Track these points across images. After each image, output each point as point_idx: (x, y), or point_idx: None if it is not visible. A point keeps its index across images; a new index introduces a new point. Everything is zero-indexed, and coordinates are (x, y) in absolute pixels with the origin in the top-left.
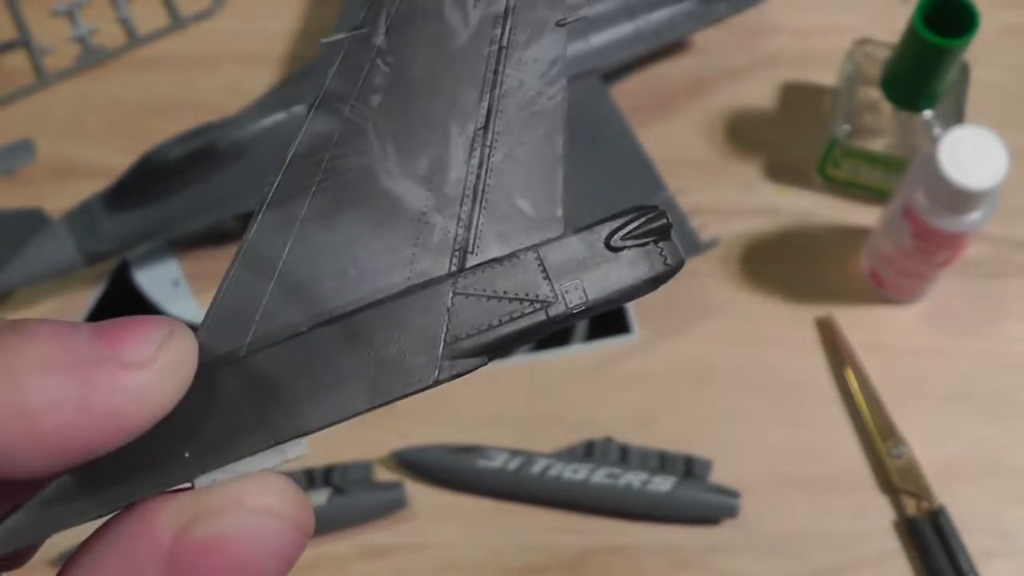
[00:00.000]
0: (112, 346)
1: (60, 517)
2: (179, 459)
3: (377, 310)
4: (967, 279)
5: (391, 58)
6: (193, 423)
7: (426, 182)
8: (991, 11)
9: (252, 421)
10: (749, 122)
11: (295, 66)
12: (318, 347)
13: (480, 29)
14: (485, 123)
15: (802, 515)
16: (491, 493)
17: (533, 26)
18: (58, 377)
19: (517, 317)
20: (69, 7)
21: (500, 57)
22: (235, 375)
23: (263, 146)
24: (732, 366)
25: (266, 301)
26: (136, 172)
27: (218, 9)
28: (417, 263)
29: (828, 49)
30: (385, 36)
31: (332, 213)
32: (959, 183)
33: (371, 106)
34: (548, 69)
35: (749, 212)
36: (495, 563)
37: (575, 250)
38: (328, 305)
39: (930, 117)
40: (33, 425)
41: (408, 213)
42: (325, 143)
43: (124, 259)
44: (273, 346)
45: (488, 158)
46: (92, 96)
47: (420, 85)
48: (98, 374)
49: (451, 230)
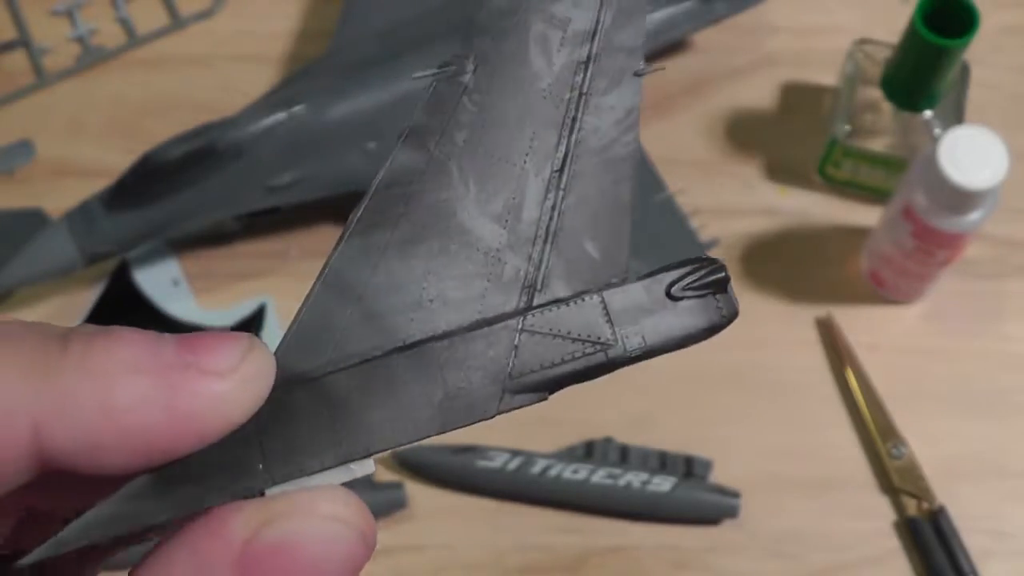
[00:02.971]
0: (196, 355)
1: (137, 514)
2: (253, 469)
3: (448, 341)
4: (967, 279)
5: (477, 97)
6: (268, 436)
7: (502, 220)
8: (991, 11)
9: (323, 439)
10: (749, 122)
11: (295, 66)
12: (390, 373)
13: (562, 74)
14: (561, 166)
15: (802, 515)
16: (491, 493)
17: (613, 74)
18: (145, 379)
19: (578, 357)
20: (69, 7)
21: (580, 103)
22: (310, 393)
23: (263, 146)
24: (732, 366)
25: (344, 325)
26: (136, 172)
27: (218, 9)
28: (488, 298)
29: (828, 49)
30: (473, 75)
31: (411, 244)
32: (959, 183)
33: (456, 143)
34: (624, 117)
35: (749, 212)
36: (495, 563)
37: (638, 297)
38: (402, 334)
39: (930, 117)
40: (119, 422)
41: (482, 249)
42: (409, 176)
43: (124, 259)
44: (348, 368)
45: (561, 201)
46: (91, 96)
47: (502, 125)
48: (182, 379)
49: (522, 268)
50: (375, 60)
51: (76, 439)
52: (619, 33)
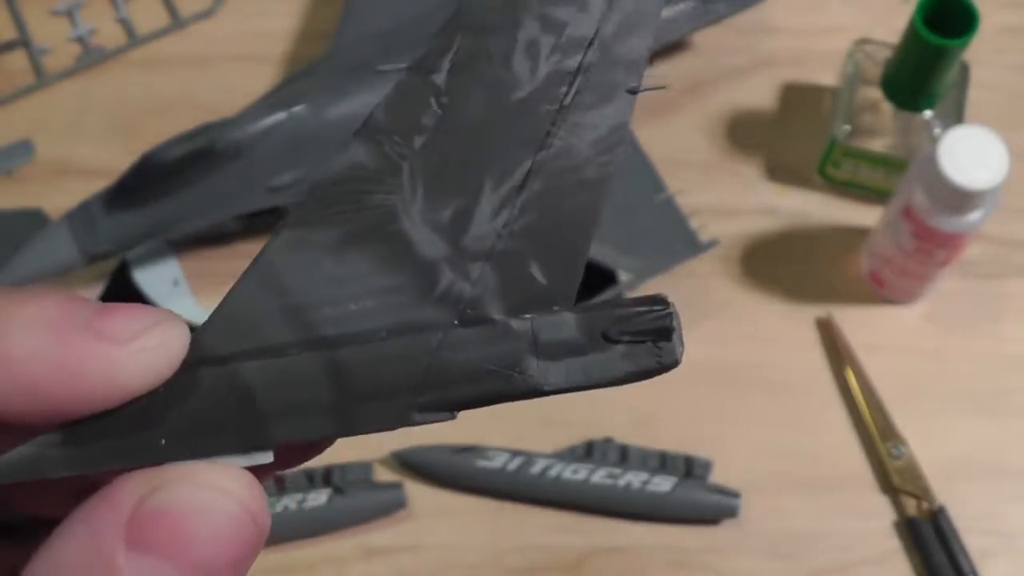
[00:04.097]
0: (102, 320)
1: (39, 465)
2: (156, 443)
3: (364, 346)
4: (967, 279)
5: (445, 100)
6: (173, 412)
7: (445, 232)
8: (991, 11)
9: (226, 424)
10: (749, 122)
11: (295, 66)
12: (300, 368)
13: (546, 84)
14: (521, 184)
15: (802, 515)
16: (491, 493)
17: (603, 89)
18: (43, 335)
19: (493, 381)
20: (69, 7)
21: (556, 118)
22: (220, 378)
23: (263, 146)
24: (732, 366)
25: (265, 316)
26: (136, 172)
27: (218, 9)
28: (416, 310)
29: (828, 49)
30: (447, 74)
31: (347, 245)
32: (959, 183)
33: (412, 146)
34: (606, 136)
35: (749, 212)
36: (495, 563)
37: (569, 332)
38: (322, 332)
39: (930, 117)
40: (11, 372)
41: (419, 259)
42: (357, 174)
43: (124, 259)
44: (258, 357)
45: (515, 220)
46: (91, 96)
47: (467, 133)
48: (78, 340)
49: (456, 284)
50: (375, 60)
51: None
52: (620, 44)
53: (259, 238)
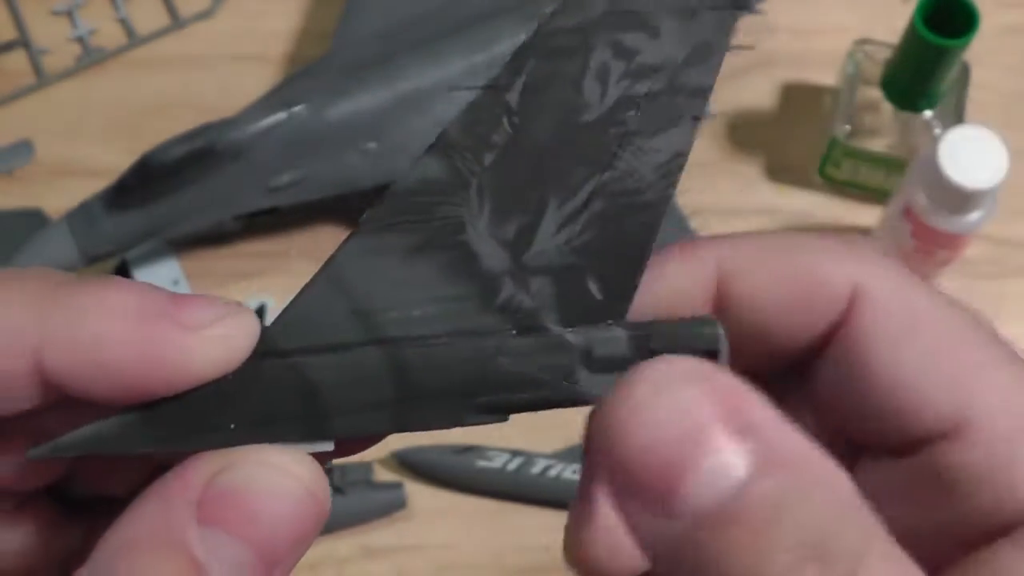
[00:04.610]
0: (177, 309)
1: (120, 441)
2: (225, 427)
3: (425, 349)
4: (967, 279)
5: (516, 119)
6: (243, 401)
7: (509, 246)
8: (991, 11)
9: (290, 414)
10: (749, 122)
11: (295, 66)
12: (364, 366)
13: (614, 108)
14: (584, 204)
15: None
16: (491, 493)
17: (669, 115)
18: (125, 321)
19: (545, 389)
20: (69, 7)
21: (622, 141)
22: (288, 371)
23: (263, 146)
24: None
25: (333, 314)
26: (136, 172)
27: (218, 9)
28: (477, 318)
29: (828, 49)
30: (519, 95)
31: (415, 253)
32: (959, 183)
33: (483, 162)
34: (667, 161)
35: (749, 212)
36: (495, 563)
37: (621, 349)
38: (386, 334)
39: (930, 117)
40: (97, 356)
41: (483, 271)
42: (428, 186)
43: (124, 259)
44: (325, 353)
45: (576, 237)
46: (91, 96)
47: (535, 152)
48: (156, 327)
49: (516, 296)
50: (375, 60)
51: (65, 366)
52: (688, 71)
53: (259, 238)
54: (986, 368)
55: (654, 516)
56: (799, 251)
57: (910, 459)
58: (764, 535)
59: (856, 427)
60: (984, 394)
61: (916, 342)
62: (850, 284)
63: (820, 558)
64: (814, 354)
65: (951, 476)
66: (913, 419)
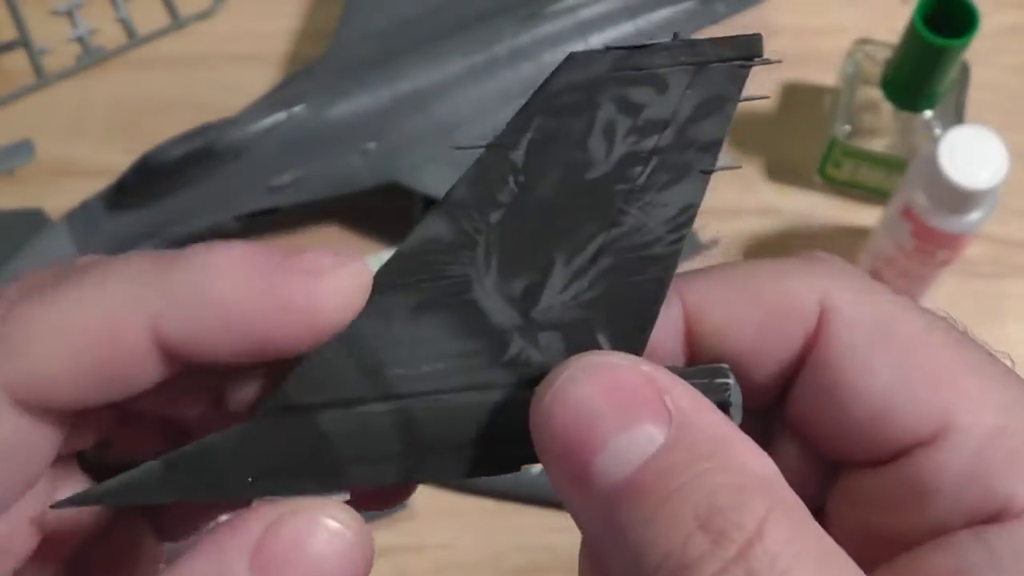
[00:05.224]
0: (294, 259)
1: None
2: (244, 480)
3: (433, 403)
4: (967, 279)
5: (522, 178)
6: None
7: (517, 303)
8: (991, 11)
9: (306, 466)
10: (749, 122)
11: (295, 66)
12: (374, 421)
13: (620, 165)
14: (592, 259)
15: None
16: (491, 493)
17: (676, 169)
18: (246, 273)
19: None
20: (69, 7)
21: (629, 197)
22: (302, 425)
23: (263, 146)
24: None
25: (344, 371)
26: (136, 172)
27: (218, 9)
28: (485, 373)
29: (828, 49)
30: (524, 153)
31: (422, 311)
32: (959, 183)
33: (489, 221)
34: (677, 215)
35: (749, 212)
36: (495, 563)
37: None
38: (395, 389)
39: (930, 117)
40: (223, 312)
41: (491, 327)
42: (434, 246)
43: None
44: (337, 408)
45: (584, 292)
46: (92, 96)
47: (541, 210)
48: (281, 276)
49: (526, 352)
50: (375, 60)
51: (187, 330)
52: (696, 126)
53: (259, 238)
54: (962, 371)
55: (576, 492)
56: (762, 276)
57: (889, 467)
58: (661, 507)
59: (835, 443)
60: (963, 397)
61: (889, 350)
62: (818, 300)
63: (714, 531)
64: (788, 377)
65: (934, 481)
66: (893, 427)
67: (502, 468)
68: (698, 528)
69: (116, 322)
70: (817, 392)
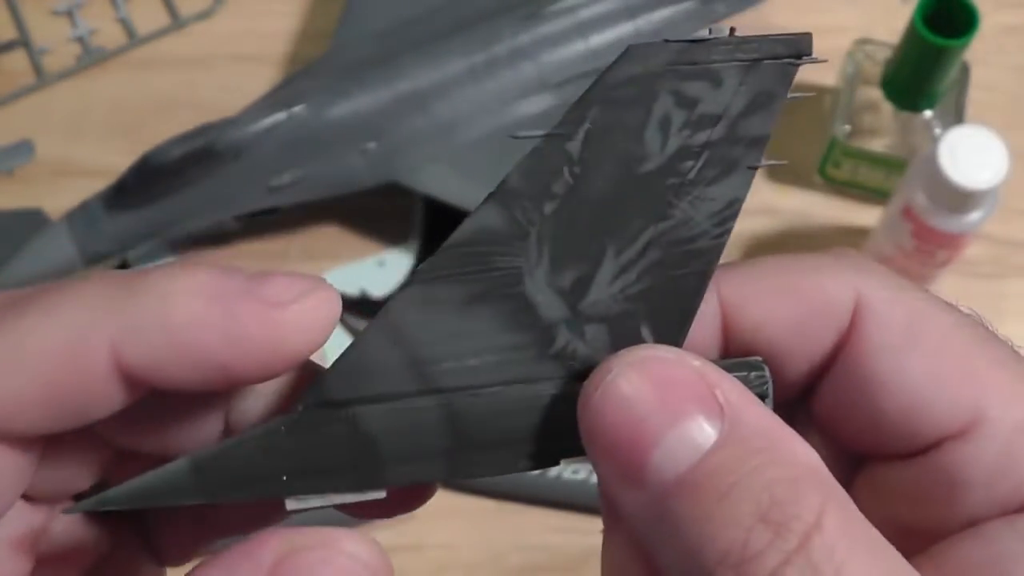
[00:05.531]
0: (260, 286)
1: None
2: (277, 479)
3: (480, 397)
4: (967, 279)
5: (578, 169)
6: (295, 451)
7: (566, 296)
8: (991, 11)
9: (343, 465)
10: None
11: (295, 66)
12: (420, 416)
13: (673, 158)
14: (641, 252)
15: None
16: (491, 493)
17: (725, 164)
18: (203, 301)
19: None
20: (69, 7)
21: (679, 191)
22: (341, 421)
23: (263, 146)
24: None
25: (388, 365)
26: (136, 172)
27: (218, 9)
28: (532, 366)
29: (828, 49)
30: (581, 144)
31: (471, 303)
32: (959, 183)
33: (542, 212)
34: (723, 209)
35: (749, 212)
36: (495, 563)
37: None
38: (441, 383)
39: (930, 117)
40: (177, 339)
41: (540, 320)
42: (486, 236)
43: (124, 259)
44: (380, 403)
45: (631, 285)
46: (92, 96)
47: (594, 202)
48: (240, 304)
49: (572, 345)
50: (375, 60)
51: (146, 355)
52: (746, 121)
53: (259, 238)
54: (991, 366)
55: (627, 488)
56: (797, 271)
57: (918, 460)
58: (719, 503)
59: (864, 436)
60: (992, 391)
61: (921, 346)
62: (852, 297)
63: (774, 524)
64: (817, 372)
65: (965, 473)
66: (924, 421)
67: (544, 463)
68: (758, 522)
69: (75, 346)
70: (848, 387)
